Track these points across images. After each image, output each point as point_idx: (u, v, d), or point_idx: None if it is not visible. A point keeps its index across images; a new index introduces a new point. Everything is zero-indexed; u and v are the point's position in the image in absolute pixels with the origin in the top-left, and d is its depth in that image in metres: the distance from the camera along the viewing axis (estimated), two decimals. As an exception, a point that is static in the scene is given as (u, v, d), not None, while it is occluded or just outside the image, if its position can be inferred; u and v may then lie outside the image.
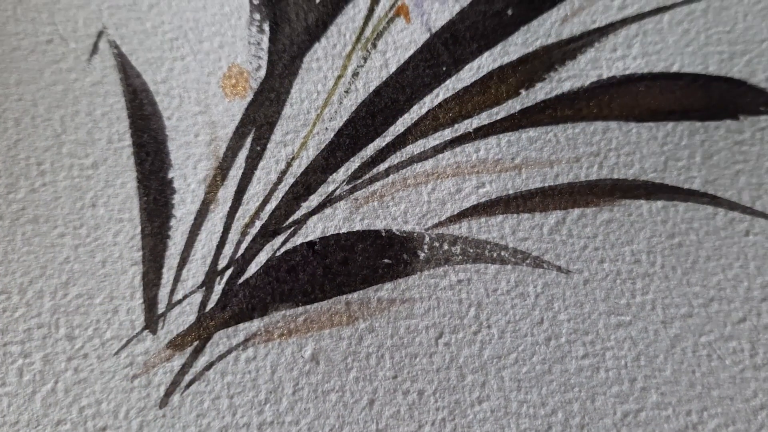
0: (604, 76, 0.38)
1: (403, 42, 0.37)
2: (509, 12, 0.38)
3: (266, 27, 0.37)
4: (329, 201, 0.34)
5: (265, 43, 0.36)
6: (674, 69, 0.38)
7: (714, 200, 0.36)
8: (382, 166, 0.35)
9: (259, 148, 0.35)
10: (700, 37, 0.39)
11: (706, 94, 0.38)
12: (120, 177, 0.34)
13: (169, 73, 0.36)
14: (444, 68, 0.37)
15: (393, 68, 0.36)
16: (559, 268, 0.34)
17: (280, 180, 0.34)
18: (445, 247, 0.34)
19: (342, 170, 0.35)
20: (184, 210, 0.34)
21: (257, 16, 0.37)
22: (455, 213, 0.35)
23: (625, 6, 0.39)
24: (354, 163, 0.35)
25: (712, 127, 0.37)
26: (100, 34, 0.36)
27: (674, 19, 0.39)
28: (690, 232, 0.36)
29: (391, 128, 0.36)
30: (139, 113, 0.35)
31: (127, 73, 0.36)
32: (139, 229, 0.33)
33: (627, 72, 0.38)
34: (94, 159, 0.34)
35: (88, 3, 0.37)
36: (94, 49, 0.36)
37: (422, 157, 0.35)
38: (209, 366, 0.32)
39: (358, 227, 0.34)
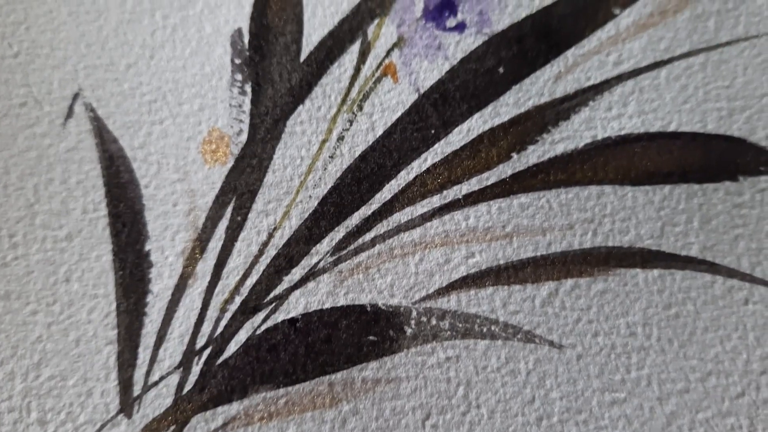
0: (599, 137, 0.36)
1: (391, 103, 0.36)
2: (501, 70, 0.37)
3: (248, 88, 0.35)
4: (312, 274, 0.33)
5: (247, 106, 0.35)
6: (672, 128, 0.37)
7: (712, 267, 0.35)
8: (368, 236, 0.34)
9: (239, 218, 0.33)
10: (698, 93, 0.38)
11: (705, 154, 0.37)
12: (95, 250, 0.33)
13: (147, 138, 0.34)
14: (433, 131, 0.35)
15: (380, 131, 0.35)
16: (551, 343, 0.33)
17: (261, 252, 0.33)
18: (433, 322, 0.33)
19: (326, 241, 0.33)
20: (161, 285, 0.32)
21: (239, 77, 0.36)
22: (444, 285, 0.33)
23: (621, 61, 0.38)
24: (339, 233, 0.34)
25: (711, 190, 0.36)
26: (75, 97, 0.35)
27: (672, 74, 0.38)
28: (687, 302, 0.34)
29: (378, 195, 0.34)
30: (115, 181, 0.34)
31: (104, 138, 0.34)
32: (114, 305, 0.32)
33: (623, 132, 0.37)
34: (68, 230, 0.33)
35: (63, 63, 0.36)
36: (70, 112, 0.35)
37: (410, 225, 0.34)
38: (188, 448, 0.31)
39: (342, 302, 0.33)
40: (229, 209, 0.34)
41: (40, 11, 0.36)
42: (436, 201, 0.34)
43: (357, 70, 0.36)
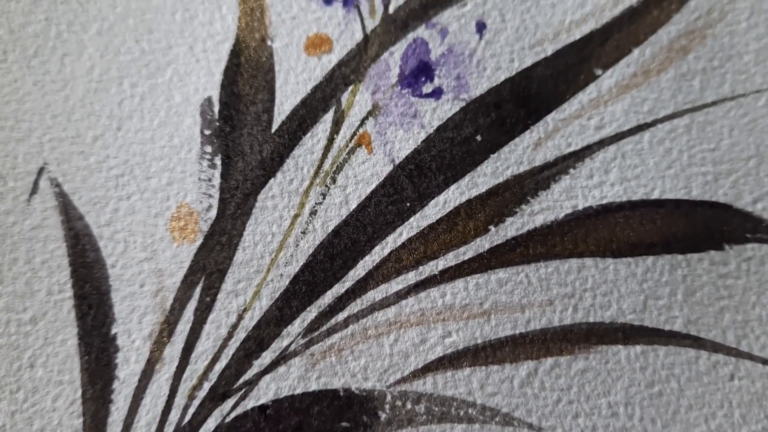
0: (580, 207, 0.35)
1: (365, 175, 0.35)
2: (478, 138, 0.36)
3: (218, 161, 0.35)
4: (283, 357, 0.32)
5: (217, 180, 0.34)
6: (655, 195, 0.36)
7: (697, 342, 0.34)
8: (341, 316, 0.33)
9: (208, 299, 0.32)
10: (682, 158, 0.37)
11: (689, 223, 0.36)
12: (60, 333, 0.32)
13: (113, 215, 0.33)
14: (408, 204, 0.34)
15: (354, 205, 0.34)
16: (530, 426, 0.32)
17: (230, 335, 0.32)
18: (408, 406, 0.32)
19: (297, 322, 0.32)
20: (127, 371, 0.32)
21: (208, 149, 0.35)
22: (419, 367, 0.32)
23: (603, 125, 0.37)
24: (310, 314, 0.33)
25: (695, 260, 0.35)
26: (40, 171, 0.34)
27: (655, 138, 0.37)
28: (671, 379, 0.33)
29: (351, 272, 0.33)
30: (81, 260, 0.33)
31: (69, 215, 0.33)
32: (79, 392, 0.31)
33: (604, 201, 0.36)
34: (32, 313, 0.32)
35: (28, 136, 0.35)
36: (35, 188, 0.34)
37: (384, 304, 0.33)
38: None
39: (314, 387, 0.32)
40: (198, 289, 0.33)
41: (5, 80, 0.35)
42: (411, 277, 0.33)
43: (330, 140, 0.35)
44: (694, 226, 0.36)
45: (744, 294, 0.35)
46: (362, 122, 0.36)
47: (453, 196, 0.35)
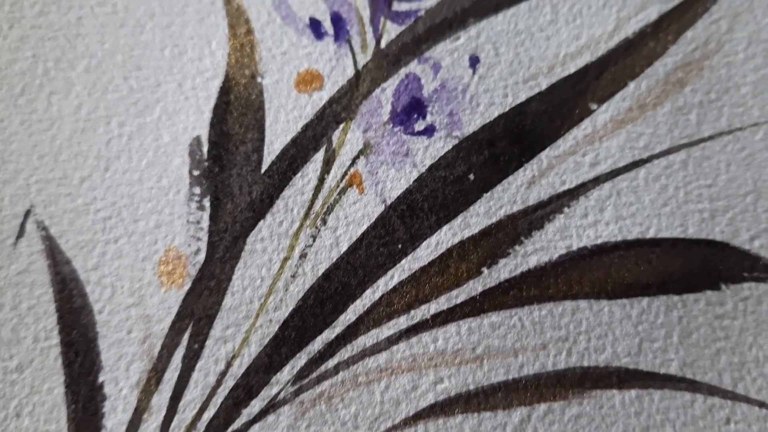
0: (574, 248, 0.35)
1: (356, 216, 0.34)
2: (471, 176, 0.35)
3: (206, 203, 0.34)
4: (272, 406, 0.31)
5: (206, 222, 0.34)
6: (651, 233, 0.35)
7: (692, 385, 0.33)
8: (331, 363, 0.32)
9: (197, 345, 0.32)
10: (679, 194, 0.36)
11: (686, 262, 0.35)
12: (47, 381, 0.32)
13: (101, 259, 0.33)
14: (400, 246, 0.34)
15: (344, 247, 0.34)
16: (523, 474, 0.32)
17: (219, 383, 0.32)
18: (399, 454, 0.31)
19: (287, 369, 0.32)
20: (114, 420, 0.31)
21: (197, 190, 0.34)
22: (411, 414, 0.32)
23: (598, 162, 0.36)
24: (300, 360, 0.32)
25: (691, 301, 0.35)
26: (27, 214, 0.34)
27: (651, 174, 0.37)
28: (666, 424, 0.33)
29: (342, 317, 0.33)
30: (68, 306, 0.32)
31: (56, 260, 0.33)
32: (66, 442, 0.31)
33: (599, 241, 0.35)
34: (18, 361, 0.32)
35: (14, 178, 0.34)
36: (21, 231, 0.33)
37: (375, 350, 0.33)
38: None
39: (304, 435, 0.31)
40: (186, 336, 0.32)
41: (-9, 120, 0.35)
42: (403, 322, 0.33)
43: (321, 180, 0.35)
44: (690, 266, 0.35)
45: (740, 335, 0.34)
46: (353, 161, 0.35)
47: (445, 238, 0.34)
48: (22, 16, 0.37)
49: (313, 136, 0.35)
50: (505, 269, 0.34)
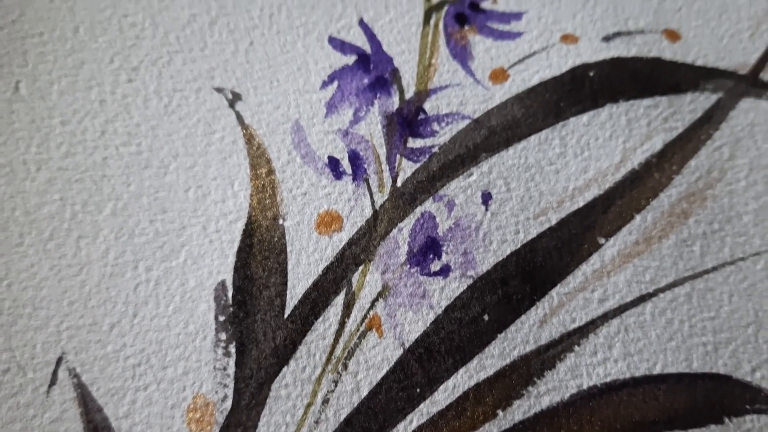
0: (585, 387, 0.36)
1: (376, 360, 0.36)
2: (485, 317, 0.37)
3: (232, 349, 0.35)
4: None
5: (231, 368, 0.35)
6: (657, 369, 0.37)
7: None
8: None
9: (225, 494, 0.33)
10: (683, 328, 0.38)
11: (690, 397, 0.37)
12: None
13: (131, 407, 0.34)
14: (418, 389, 0.35)
15: (365, 392, 0.35)
16: None
17: None
18: None
19: None
20: None
21: (223, 336, 0.36)
22: None
23: (606, 298, 0.38)
24: (324, 508, 0.34)
25: (697, 436, 0.36)
26: (59, 361, 0.35)
27: (657, 309, 0.38)
28: None
29: (364, 462, 0.34)
30: (100, 455, 0.34)
31: (88, 407, 0.34)
32: None
33: (608, 379, 0.37)
34: None
35: (46, 324, 0.35)
36: (53, 378, 0.34)
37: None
38: None
39: None
40: (215, 485, 0.34)
41: (22, 265, 0.36)
42: (421, 469, 0.34)
43: (341, 324, 0.36)
44: (695, 400, 0.37)
45: (744, 469, 0.36)
46: (372, 304, 0.36)
47: (462, 380, 0.36)
48: (49, 157, 0.38)
49: (334, 279, 0.37)
50: (519, 411, 0.35)
